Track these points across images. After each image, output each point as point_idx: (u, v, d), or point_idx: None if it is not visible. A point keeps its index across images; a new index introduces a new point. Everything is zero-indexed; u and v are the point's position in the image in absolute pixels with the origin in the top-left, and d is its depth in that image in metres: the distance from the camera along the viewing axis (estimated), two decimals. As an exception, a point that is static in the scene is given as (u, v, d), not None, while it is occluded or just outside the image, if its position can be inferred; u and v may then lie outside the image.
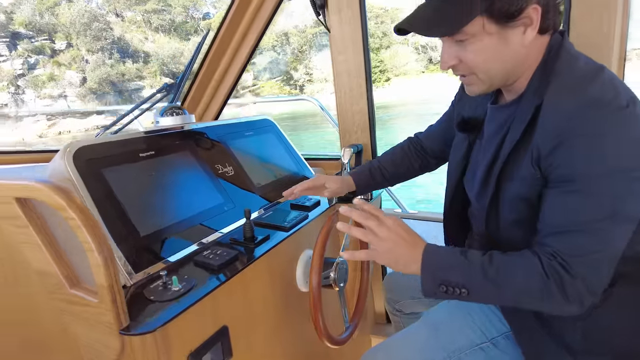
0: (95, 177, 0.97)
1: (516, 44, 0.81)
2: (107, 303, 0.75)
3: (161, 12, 49.09)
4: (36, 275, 0.87)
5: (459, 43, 0.84)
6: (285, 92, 46.37)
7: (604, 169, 0.73)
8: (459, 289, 0.80)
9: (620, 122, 0.73)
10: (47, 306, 0.89)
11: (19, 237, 0.86)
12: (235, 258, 1.01)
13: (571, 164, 0.75)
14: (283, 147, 1.71)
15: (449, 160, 1.17)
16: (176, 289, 0.86)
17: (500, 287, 0.79)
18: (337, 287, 1.21)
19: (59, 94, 38.95)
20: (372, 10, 48.46)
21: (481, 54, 0.83)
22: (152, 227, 1.02)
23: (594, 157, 0.73)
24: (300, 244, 1.27)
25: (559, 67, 0.81)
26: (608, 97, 0.74)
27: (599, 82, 0.77)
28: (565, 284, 0.74)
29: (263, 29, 1.92)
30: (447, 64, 0.87)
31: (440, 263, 0.84)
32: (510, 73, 0.86)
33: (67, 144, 0.98)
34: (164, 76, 43.65)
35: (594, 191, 0.73)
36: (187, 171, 1.23)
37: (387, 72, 44.51)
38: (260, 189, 1.43)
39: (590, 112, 0.73)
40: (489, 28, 0.79)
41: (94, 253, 0.72)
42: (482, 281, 0.80)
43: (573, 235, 0.75)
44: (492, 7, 0.77)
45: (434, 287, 0.83)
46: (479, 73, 0.86)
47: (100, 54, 41.64)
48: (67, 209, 0.72)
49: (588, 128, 0.73)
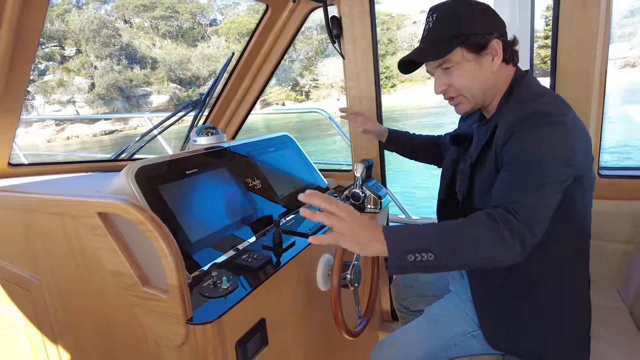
0: (153, 192, 1.17)
1: (488, 70, 1.10)
2: (176, 299, 0.93)
3: (169, 18, 49.67)
4: (111, 275, 1.06)
5: (446, 72, 1.12)
6: (292, 97, 46.66)
7: (539, 153, 0.96)
8: (425, 254, 0.88)
9: (553, 129, 0.97)
10: (117, 301, 1.08)
11: (96, 244, 1.05)
12: (269, 261, 1.20)
13: (515, 151, 0.98)
14: (300, 160, 1.91)
15: (441, 166, 1.45)
16: (225, 287, 1.04)
17: (460, 242, 0.91)
18: (352, 286, 1.40)
19: (68, 99, 39.48)
20: (378, 16, 48.10)
21: (465, 77, 1.10)
22: (199, 234, 1.21)
23: (532, 146, 0.97)
24: (320, 249, 1.46)
25: (517, 92, 1.10)
26: (549, 110, 1.00)
27: (544, 100, 1.04)
28: (512, 225, 0.89)
29: (283, 52, 2.12)
30: (440, 89, 1.16)
31: (401, 234, 0.92)
32: (488, 93, 1.14)
33: (129, 164, 1.18)
34: (171, 82, 44.14)
35: (529, 166, 0.96)
36: (223, 185, 1.42)
37: (393, 78, 44.68)
38: (283, 199, 1.62)
39: (531, 118, 0.99)
40: (467, 56, 1.08)
41: (167, 258, 0.90)
42: (442, 242, 0.90)
43: (514, 194, 0.94)
44: (467, 40, 1.06)
45: (400, 259, 0.89)
46: (465, 92, 1.13)
47: (108, 60, 42.13)
48: (146, 223, 0.90)
49: (530, 128, 0.98)
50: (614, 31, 44.74)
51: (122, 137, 30.38)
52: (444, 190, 1.37)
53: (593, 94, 1.50)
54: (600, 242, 1.62)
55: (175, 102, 42.69)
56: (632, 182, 1.62)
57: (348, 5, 1.81)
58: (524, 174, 0.96)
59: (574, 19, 1.46)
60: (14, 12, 1.18)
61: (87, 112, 39.49)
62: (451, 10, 1.09)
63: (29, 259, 1.28)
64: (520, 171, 0.97)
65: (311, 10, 1.99)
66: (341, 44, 1.91)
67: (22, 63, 1.35)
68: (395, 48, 46.60)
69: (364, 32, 1.83)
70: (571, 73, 1.51)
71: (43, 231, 1.19)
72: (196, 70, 46.25)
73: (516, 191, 0.94)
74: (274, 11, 1.95)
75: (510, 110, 1.06)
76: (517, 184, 0.96)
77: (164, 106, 42.05)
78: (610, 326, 1.37)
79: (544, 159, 0.95)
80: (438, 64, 1.11)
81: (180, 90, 44.21)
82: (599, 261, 1.60)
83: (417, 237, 0.91)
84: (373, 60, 1.86)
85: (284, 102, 45.85)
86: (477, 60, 1.09)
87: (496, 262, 0.91)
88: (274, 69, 2.16)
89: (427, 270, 0.90)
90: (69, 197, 1.08)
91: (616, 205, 1.61)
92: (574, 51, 1.49)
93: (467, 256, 0.91)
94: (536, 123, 0.98)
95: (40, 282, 1.28)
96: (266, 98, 45.04)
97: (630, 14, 45.24)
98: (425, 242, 0.90)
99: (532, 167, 0.95)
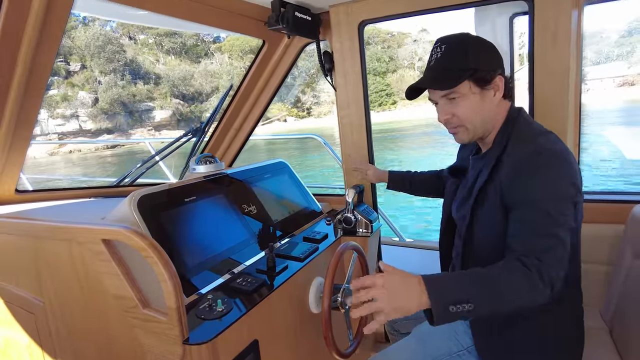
0: (154, 219, 1.25)
1: (490, 103, 1.17)
2: (174, 321, 1.00)
3: (173, 35, 50.46)
4: (113, 298, 1.13)
5: (451, 101, 1.17)
6: (294, 114, 47.04)
7: (548, 195, 1.02)
8: (466, 305, 0.93)
9: (559, 164, 1.05)
10: (119, 322, 1.15)
11: (100, 269, 1.13)
12: (262, 285, 1.27)
13: (527, 192, 1.04)
14: (295, 186, 1.99)
15: (444, 198, 1.50)
16: (220, 309, 1.12)
17: (495, 290, 0.96)
18: (343, 309, 1.47)
19: (71, 113, 39.88)
20: (379, 35, 49.61)
21: (469, 109, 1.16)
22: (197, 259, 1.28)
23: (541, 187, 1.03)
24: (312, 272, 1.53)
25: (517, 128, 1.16)
26: (552, 148, 1.07)
27: (545, 138, 1.10)
28: (543, 272, 0.96)
29: (279, 83, 2.23)
30: (444, 117, 1.21)
31: (440, 286, 0.96)
32: (487, 125, 1.20)
33: (132, 193, 1.26)
34: (174, 97, 44.60)
35: (543, 208, 1.02)
36: (221, 211, 1.50)
37: (394, 95, 45.18)
38: (278, 224, 1.70)
39: (539, 156, 1.05)
40: (473, 89, 1.15)
41: (166, 283, 0.98)
42: (480, 291, 0.95)
43: (535, 239, 1.01)
44: (475, 75, 1.13)
45: (445, 311, 0.93)
46: (467, 124, 1.19)
47: (112, 76, 42.71)
48: (147, 250, 0.98)
49: (537, 167, 1.04)
50: (612, 50, 45.32)
51: (124, 151, 30.52)
52: (445, 220, 1.43)
53: (569, 123, 1.61)
54: (583, 265, 1.69)
55: (177, 117, 43.13)
56: (611, 206, 1.71)
57: (339, 42, 1.93)
58: (542, 219, 1.01)
59: (547, 54, 1.58)
60: (29, 49, 1.28)
61: (90, 126, 39.80)
62: (460, 43, 1.16)
63: (34, 283, 1.35)
64: (537, 216, 1.02)
65: (305, 45, 2.10)
66: (333, 77, 2.02)
67: (34, 95, 1.43)
68: (396, 66, 47.17)
69: (354, 66, 1.94)
70: (547, 105, 1.62)
71: (50, 256, 1.27)
72: (199, 86, 46.83)
73: (539, 238, 1.00)
74: (270, 46, 2.07)
75: (514, 146, 1.12)
76: (539, 230, 1.01)
77: (166, 121, 42.45)
78: (590, 346, 1.43)
79: (557, 200, 1.02)
80: (445, 93, 1.17)
81: (182, 106, 44.69)
82: (582, 283, 1.68)
83: (456, 288, 0.95)
84: (363, 91, 1.98)
85: (286, 119, 46.27)
86: (481, 94, 1.15)
87: (529, 305, 0.98)
88: (271, 99, 2.27)
89: (466, 318, 1.00)
90: (76, 225, 1.16)
91: (597, 229, 1.69)
92: (549, 84, 1.60)
93: (504, 304, 0.97)
94: (545, 162, 1.04)
95: (44, 304, 1.35)
96: (267, 114, 45.43)
97: (628, 34, 45.89)
98: (463, 292, 0.94)
99: (547, 211, 1.01)
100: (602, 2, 1.59)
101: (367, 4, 1.84)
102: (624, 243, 1.51)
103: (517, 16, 1.80)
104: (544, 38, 1.57)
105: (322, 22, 1.97)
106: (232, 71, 47.07)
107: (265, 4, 1.77)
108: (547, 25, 1.55)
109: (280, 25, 1.73)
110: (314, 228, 1.84)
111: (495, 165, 1.15)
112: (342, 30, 1.91)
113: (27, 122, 1.47)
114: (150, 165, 2.06)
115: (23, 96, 1.38)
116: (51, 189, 2.01)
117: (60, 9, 1.26)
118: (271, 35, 2.00)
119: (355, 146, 2.06)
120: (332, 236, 1.77)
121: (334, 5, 1.89)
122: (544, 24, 1.56)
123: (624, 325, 1.42)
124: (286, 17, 1.73)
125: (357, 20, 1.88)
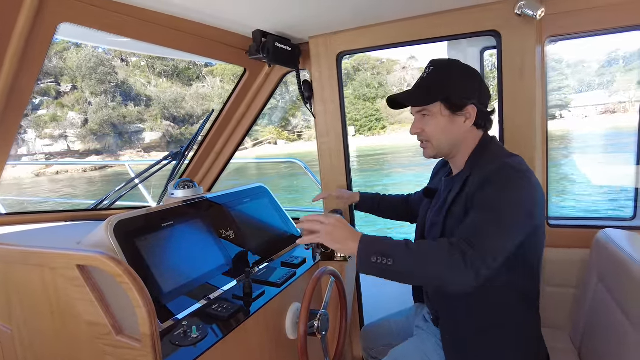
0: (130, 245, 1.25)
1: (459, 128, 1.27)
2: (148, 348, 1.00)
3: (165, 58, 50.80)
4: (85, 325, 1.12)
5: (424, 117, 1.30)
6: (284, 137, 47.31)
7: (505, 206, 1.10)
8: (386, 259, 1.05)
9: (521, 183, 1.12)
10: (90, 350, 1.14)
11: (74, 295, 1.12)
12: (238, 311, 1.28)
13: (485, 198, 1.12)
14: (274, 210, 2.01)
15: (413, 220, 1.60)
16: (195, 336, 1.12)
17: (417, 257, 1.06)
18: (319, 335, 1.47)
19: (60, 134, 39.58)
20: (368, 62, 50.54)
21: (436, 128, 1.28)
22: (173, 284, 1.28)
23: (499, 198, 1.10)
24: (289, 297, 1.53)
25: (487, 152, 1.26)
26: (518, 167, 1.15)
27: (515, 159, 1.18)
28: (467, 254, 1.02)
29: (260, 110, 2.29)
30: (415, 130, 1.34)
31: (373, 240, 1.10)
32: (452, 147, 1.31)
33: (109, 218, 1.27)
34: (164, 119, 44.59)
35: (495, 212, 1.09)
36: (198, 236, 1.51)
37: (383, 120, 45.80)
38: (256, 249, 1.71)
39: (503, 171, 1.14)
40: (443, 112, 1.26)
41: (141, 309, 0.98)
42: (403, 252, 1.06)
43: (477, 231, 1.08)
44: (447, 99, 1.25)
45: (366, 259, 1.07)
46: (433, 141, 1.31)
47: (103, 97, 42.62)
48: (123, 276, 0.98)
49: (500, 180, 1.12)
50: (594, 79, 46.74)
51: (112, 173, 30.21)
52: (419, 237, 1.50)
53: (537, 151, 1.69)
54: (552, 288, 1.76)
55: (167, 139, 42.97)
56: (577, 231, 1.78)
57: (318, 71, 2.00)
58: (489, 218, 1.09)
59: (515, 87, 1.66)
60: (10, 72, 1.29)
61: (78, 147, 39.46)
62: (444, 67, 1.29)
63: (3, 310, 1.33)
64: (486, 215, 1.10)
65: (285, 73, 2.17)
66: (312, 105, 2.07)
67: (12, 118, 1.41)
68: (385, 92, 47.88)
69: (332, 94, 2.00)
70: (516, 134, 1.70)
71: (20, 282, 1.26)
72: (190, 109, 46.88)
73: (479, 230, 1.08)
74: (251, 74, 2.13)
75: (484, 164, 1.20)
76: (481, 224, 1.09)
77: (156, 143, 42.28)
78: None
79: (509, 208, 1.09)
80: (419, 109, 1.31)
81: (173, 128, 44.61)
82: (552, 306, 1.73)
83: (385, 245, 1.08)
84: (341, 118, 2.03)
85: (277, 141, 46.46)
86: (451, 118, 1.26)
87: (449, 282, 1.05)
88: (251, 125, 2.33)
89: (386, 274, 1.06)
90: (50, 250, 1.16)
91: (565, 253, 1.75)
92: (517, 114, 1.69)
93: (420, 269, 1.06)
94: (507, 176, 1.12)
95: (12, 332, 1.32)
96: (258, 137, 45.65)
97: (608, 64, 47.49)
98: (389, 249, 1.06)
99: (497, 213, 1.08)
100: (565, 40, 1.68)
101: (345, 36, 1.91)
102: (589, 267, 1.55)
103: (487, 50, 1.90)
104: (512, 71, 1.65)
105: (302, 52, 2.04)
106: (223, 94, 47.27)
107: (246, 34, 1.83)
108: (514, 60, 1.64)
109: (261, 54, 1.79)
110: (292, 253, 1.86)
111: (465, 181, 1.24)
112: (322, 61, 1.98)
113: (4, 146, 1.47)
114: (130, 188, 2.06)
115: (0, 120, 1.39)
116: (26, 212, 1.99)
117: (42, 35, 1.28)
118: (252, 64, 2.06)
119: (334, 172, 2.10)
120: (311, 261, 1.78)
121: (314, 36, 1.96)
122: (511, 58, 1.64)
123: (591, 347, 1.45)
124: (267, 47, 1.79)
125: (336, 52, 1.95)
